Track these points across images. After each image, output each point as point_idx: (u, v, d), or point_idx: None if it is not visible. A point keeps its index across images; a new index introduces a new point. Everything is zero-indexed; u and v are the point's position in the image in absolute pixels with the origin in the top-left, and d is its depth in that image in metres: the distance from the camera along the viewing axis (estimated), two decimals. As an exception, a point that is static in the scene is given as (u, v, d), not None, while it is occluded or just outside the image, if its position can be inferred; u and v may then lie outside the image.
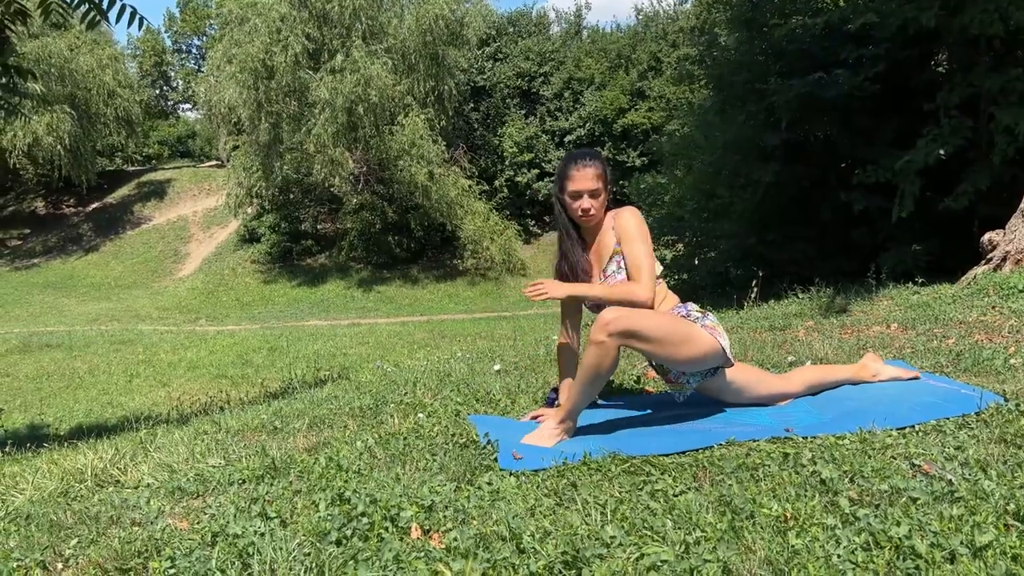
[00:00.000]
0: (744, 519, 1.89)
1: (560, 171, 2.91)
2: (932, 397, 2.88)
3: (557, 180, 2.93)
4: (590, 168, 2.82)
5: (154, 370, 15.74)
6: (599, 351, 2.58)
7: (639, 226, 2.82)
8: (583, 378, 2.67)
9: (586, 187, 2.82)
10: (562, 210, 2.94)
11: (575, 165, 2.84)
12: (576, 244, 2.94)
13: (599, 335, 2.55)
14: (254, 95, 23.48)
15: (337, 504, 2.17)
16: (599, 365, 2.61)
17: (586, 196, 2.82)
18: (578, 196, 2.83)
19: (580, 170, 2.82)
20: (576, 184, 2.82)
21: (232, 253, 29.04)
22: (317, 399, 3.91)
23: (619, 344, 2.60)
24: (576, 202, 2.84)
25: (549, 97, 31.93)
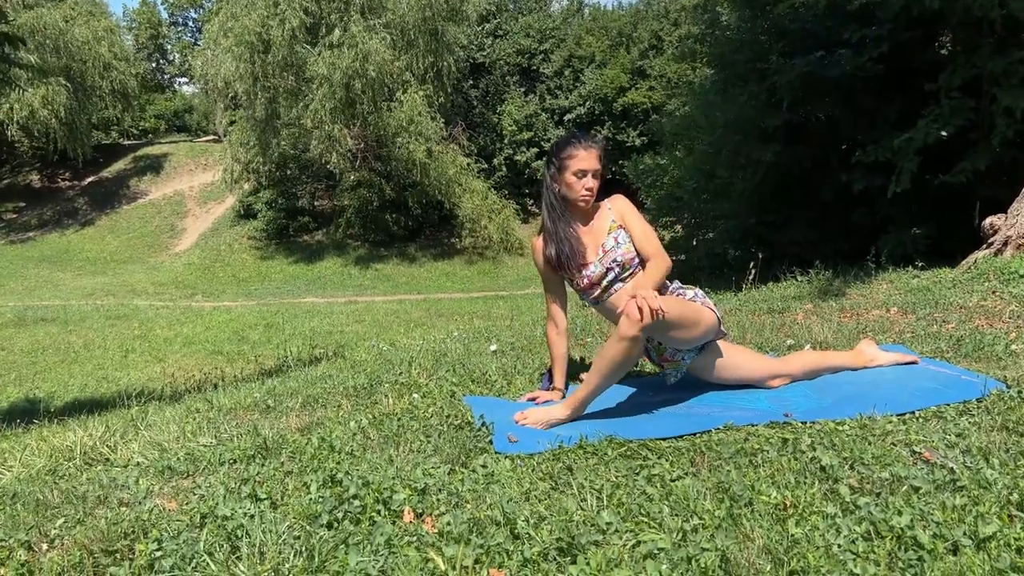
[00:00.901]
0: (742, 506, 1.86)
1: (560, 152, 2.88)
2: (932, 383, 2.85)
3: (555, 161, 2.89)
4: (595, 149, 2.86)
5: (150, 345, 15.69)
6: (630, 345, 2.53)
7: (636, 210, 2.97)
8: (605, 370, 2.61)
9: (592, 166, 2.84)
10: (556, 193, 2.90)
11: (580, 145, 2.85)
12: (571, 227, 2.90)
13: (632, 330, 2.48)
14: (250, 69, 23.23)
15: (329, 486, 2.13)
16: (627, 359, 2.59)
17: (591, 175, 2.84)
18: (584, 175, 2.84)
19: (587, 150, 2.84)
20: (583, 163, 2.83)
21: (229, 229, 28.91)
22: (311, 378, 3.87)
23: (645, 337, 2.60)
24: (582, 181, 2.84)
25: (549, 75, 31.70)
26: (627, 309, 2.48)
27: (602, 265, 2.86)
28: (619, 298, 2.87)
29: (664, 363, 2.95)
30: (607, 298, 2.90)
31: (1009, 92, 7.28)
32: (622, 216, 2.90)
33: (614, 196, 2.98)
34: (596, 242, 2.89)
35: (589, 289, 2.91)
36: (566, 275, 2.94)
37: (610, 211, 2.93)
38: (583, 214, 2.93)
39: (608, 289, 2.88)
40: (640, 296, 2.46)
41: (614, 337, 2.55)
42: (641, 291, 2.50)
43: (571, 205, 2.90)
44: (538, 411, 2.65)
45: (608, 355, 2.58)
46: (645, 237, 2.86)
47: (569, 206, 2.91)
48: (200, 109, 44.38)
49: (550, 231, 2.92)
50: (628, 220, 2.89)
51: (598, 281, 2.88)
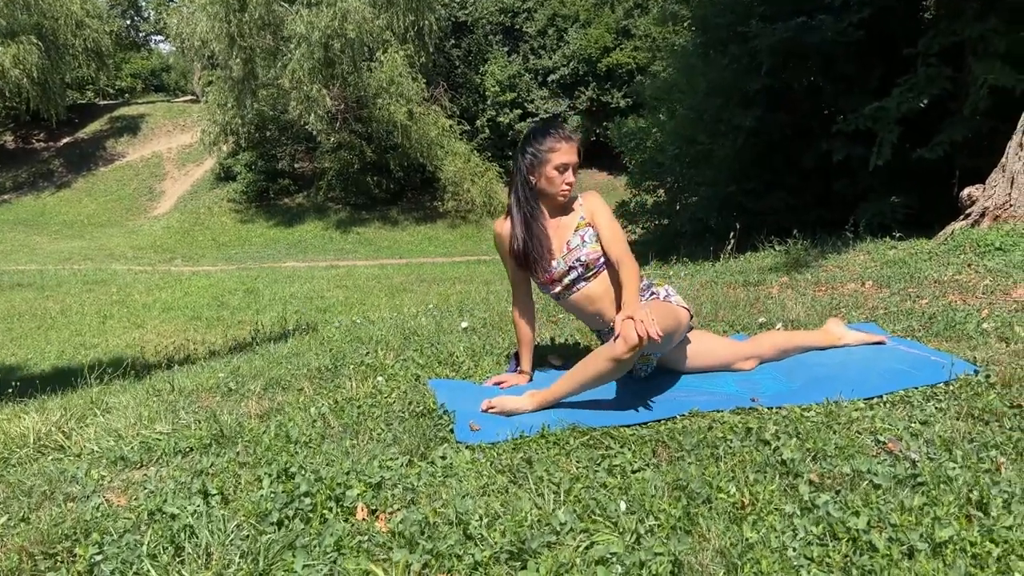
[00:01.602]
0: (700, 504, 1.83)
1: (540, 144, 2.77)
2: (901, 364, 2.83)
3: (534, 153, 2.77)
4: (575, 142, 2.80)
5: (128, 311, 15.51)
6: (619, 366, 2.46)
7: (608, 209, 2.89)
8: (585, 381, 2.55)
9: (573, 160, 2.78)
10: (532, 186, 2.81)
11: (561, 138, 2.77)
12: (540, 222, 2.83)
13: (626, 354, 2.39)
14: (226, 28, 22.70)
15: (281, 481, 2.08)
16: (611, 377, 2.53)
17: (572, 169, 2.78)
18: (566, 169, 2.77)
19: (568, 143, 2.77)
20: (565, 157, 2.76)
21: (208, 192, 28.51)
22: (277, 356, 3.81)
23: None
24: (563, 175, 2.77)
25: (532, 34, 31.20)
26: (625, 333, 2.38)
27: (565, 263, 2.79)
28: (583, 297, 2.82)
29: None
30: (569, 296, 2.85)
31: (984, 61, 7.20)
32: (592, 214, 2.82)
33: (587, 192, 2.91)
34: (561, 238, 2.82)
35: (550, 284, 2.86)
36: (529, 271, 2.88)
37: (580, 207, 2.85)
38: (554, 207, 2.85)
39: (571, 288, 2.82)
40: (638, 320, 2.37)
41: (604, 354, 2.46)
42: (637, 313, 2.40)
43: (543, 197, 2.82)
44: (504, 400, 2.60)
45: (592, 369, 2.51)
46: (614, 238, 2.77)
47: (540, 198, 2.82)
48: (177, 68, 43.48)
49: (518, 223, 2.84)
50: (598, 219, 2.81)
51: (560, 278, 2.82)
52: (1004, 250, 4.88)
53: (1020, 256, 4.69)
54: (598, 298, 2.81)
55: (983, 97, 7.16)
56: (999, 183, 5.36)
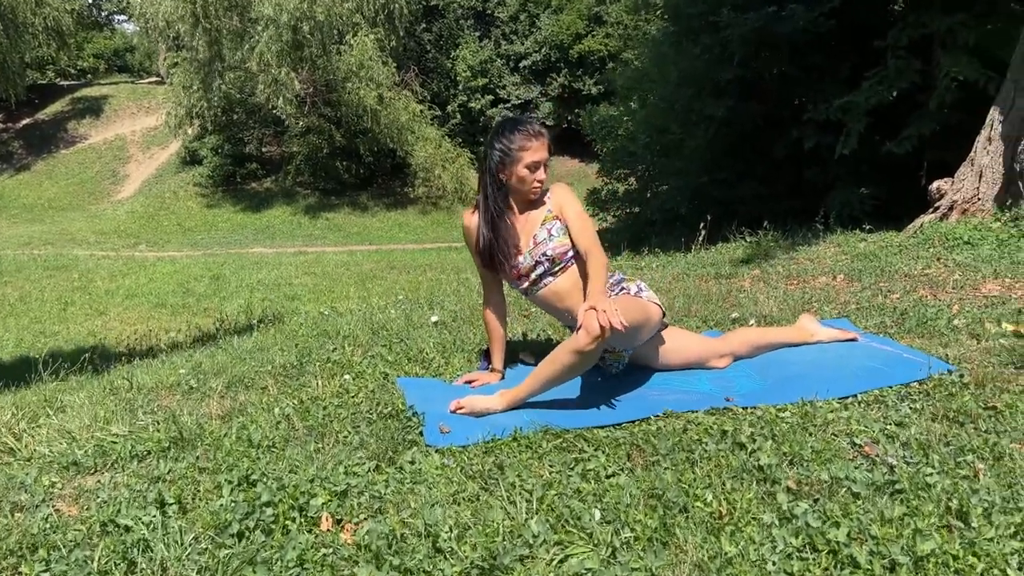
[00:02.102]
0: (676, 513, 1.78)
1: (510, 143, 2.67)
2: (875, 362, 2.81)
3: (506, 151, 2.68)
4: (544, 137, 2.70)
5: (90, 298, 15.18)
6: (585, 358, 2.40)
7: (577, 198, 2.82)
8: (553, 375, 2.48)
9: (544, 157, 2.70)
10: (503, 182, 2.73)
11: (531, 134, 2.68)
12: (508, 219, 2.76)
13: (590, 345, 2.33)
14: (191, 8, 22.20)
15: (243, 488, 2.00)
16: (578, 369, 2.47)
17: (543, 167, 2.71)
18: (537, 167, 2.69)
19: (539, 139, 2.69)
20: (536, 155, 2.68)
21: (173, 175, 27.99)
22: (241, 351, 3.71)
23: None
24: (535, 174, 2.69)
25: (504, 19, 30.97)
26: (587, 323, 2.32)
27: (531, 257, 2.72)
28: (550, 293, 2.77)
29: (605, 354, 2.85)
30: (536, 291, 2.78)
31: (952, 55, 7.24)
32: (560, 207, 2.75)
33: (556, 185, 2.83)
34: (528, 232, 2.76)
35: (517, 280, 2.79)
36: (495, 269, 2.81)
37: (548, 200, 2.78)
38: (523, 201, 2.78)
39: (538, 283, 2.76)
40: (601, 310, 2.30)
41: (567, 347, 2.40)
42: (600, 303, 2.33)
43: (513, 193, 2.75)
44: (474, 400, 2.53)
45: (559, 363, 2.44)
46: (582, 230, 2.70)
47: (510, 193, 2.75)
48: (142, 49, 42.47)
49: (484, 221, 2.77)
50: (566, 211, 2.73)
51: (527, 273, 2.75)
52: (972, 244, 4.91)
53: (988, 250, 4.72)
54: (566, 294, 2.74)
55: (950, 91, 7.20)
56: (968, 177, 5.39)
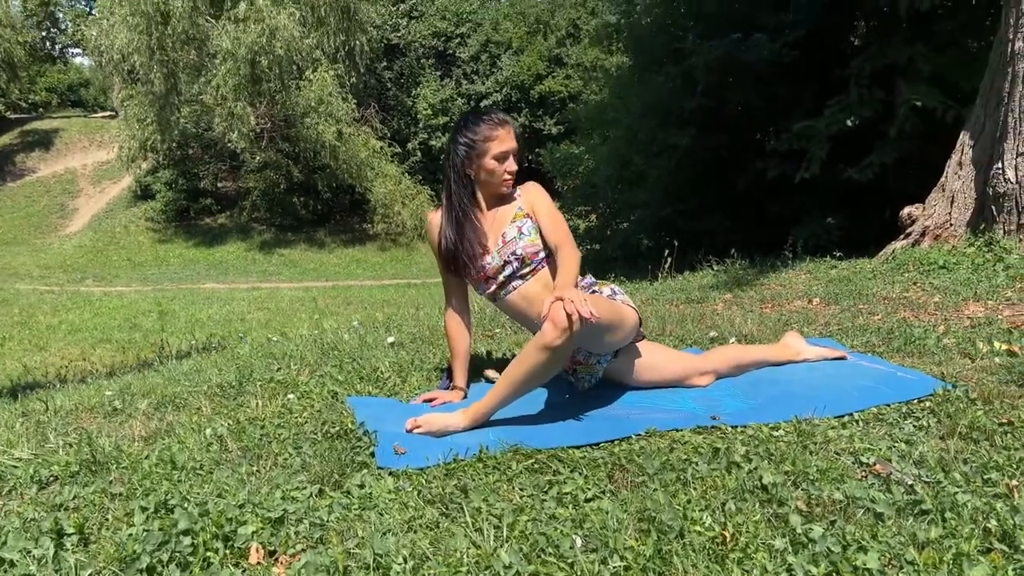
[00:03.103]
0: (672, 540, 1.51)
1: (474, 134, 2.47)
2: (868, 381, 2.60)
3: (471, 144, 2.47)
4: (508, 125, 2.50)
5: (30, 333, 14.53)
6: (553, 356, 2.14)
7: (548, 197, 2.63)
8: (519, 381, 2.22)
9: (513, 146, 2.49)
10: (470, 177, 2.51)
11: (496, 123, 2.48)
12: (475, 218, 2.53)
13: (558, 339, 2.08)
14: (147, 41, 21.82)
15: (159, 516, 1.68)
16: (547, 371, 2.21)
17: (512, 157, 2.50)
18: (506, 158, 2.48)
19: (505, 127, 2.48)
20: (505, 144, 2.47)
21: (125, 210, 27.30)
22: (176, 373, 3.37)
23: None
24: (504, 164, 2.48)
25: (466, 59, 31.10)
26: (552, 314, 2.07)
27: (500, 257, 2.48)
28: (519, 298, 2.53)
29: (576, 366, 2.59)
30: (504, 295, 2.54)
31: (913, 84, 7.28)
32: (531, 204, 2.55)
33: (527, 184, 2.63)
34: (497, 230, 2.53)
35: (484, 283, 2.54)
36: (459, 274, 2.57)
37: (519, 198, 2.57)
38: (491, 196, 2.56)
39: (505, 285, 2.52)
40: (568, 300, 2.05)
41: (535, 345, 2.14)
42: (567, 293, 2.09)
43: (482, 188, 2.52)
44: (432, 418, 2.25)
45: (526, 364, 2.18)
46: (555, 225, 2.50)
47: (478, 189, 2.52)
48: (96, 84, 41.81)
49: (449, 221, 2.53)
50: (537, 208, 2.54)
51: (494, 275, 2.50)
52: (948, 268, 4.79)
53: (965, 274, 4.59)
54: (536, 297, 2.49)
55: (910, 119, 7.22)
56: (939, 202, 5.30)
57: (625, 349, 2.59)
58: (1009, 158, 4.85)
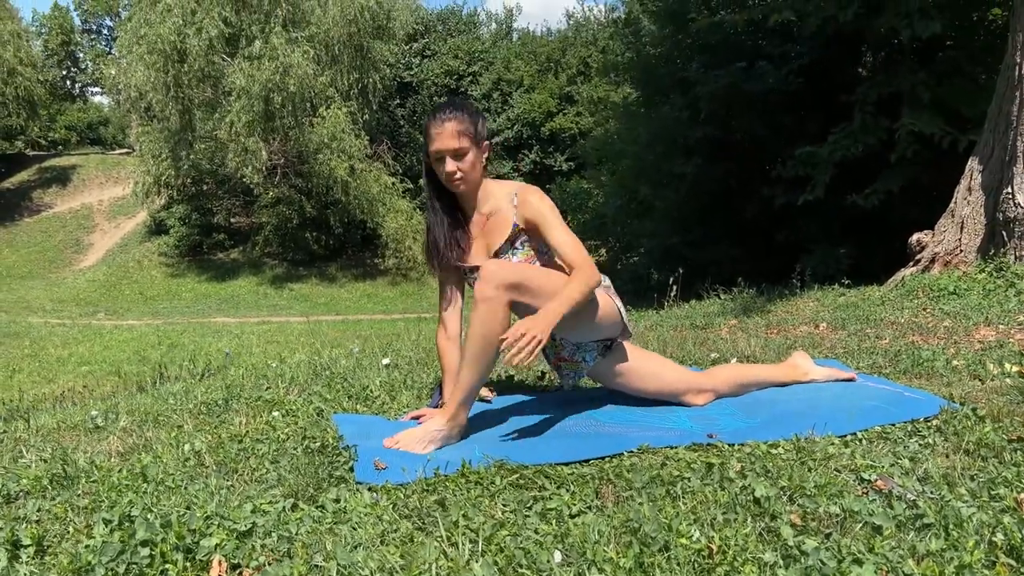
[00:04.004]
0: (656, 552, 1.42)
1: (424, 129, 2.39)
2: (874, 401, 2.50)
3: (424, 138, 2.40)
4: (451, 122, 2.28)
5: (40, 365, 14.56)
6: (487, 309, 2.11)
7: (552, 207, 2.35)
8: (471, 352, 2.17)
9: (447, 146, 2.29)
10: (430, 177, 2.44)
11: (434, 121, 2.32)
12: (446, 217, 2.44)
13: (487, 289, 2.10)
14: (163, 79, 22.18)
15: (121, 528, 1.61)
16: (488, 329, 2.13)
17: (448, 158, 2.30)
18: (440, 158, 2.31)
19: (440, 126, 2.29)
20: (436, 143, 2.30)
21: (138, 245, 27.52)
22: (165, 393, 3.31)
23: (508, 299, 2.14)
24: (443, 165, 2.31)
25: (477, 97, 31.41)
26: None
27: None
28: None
29: (561, 363, 2.51)
30: None
31: (915, 112, 7.24)
32: (530, 220, 2.34)
33: (525, 189, 2.39)
34: (487, 243, 2.41)
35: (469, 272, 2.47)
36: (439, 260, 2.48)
37: (515, 209, 2.36)
38: (468, 199, 2.43)
39: None
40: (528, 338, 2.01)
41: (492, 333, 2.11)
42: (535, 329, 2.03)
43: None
44: (412, 431, 2.17)
45: (471, 332, 2.15)
46: (572, 248, 2.27)
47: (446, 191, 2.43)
48: (115, 122, 42.51)
49: (427, 220, 2.49)
50: (543, 228, 2.31)
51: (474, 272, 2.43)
52: (959, 294, 4.69)
53: (976, 300, 4.49)
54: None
55: (910, 144, 7.17)
56: (948, 228, 5.21)
57: (615, 349, 2.49)
58: (1019, 182, 4.78)
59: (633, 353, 2.54)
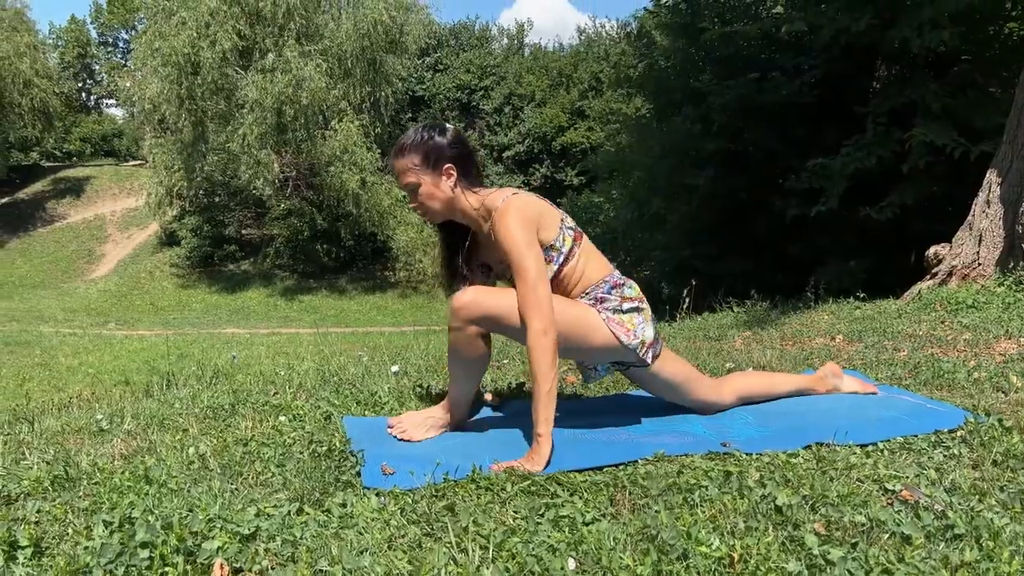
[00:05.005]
0: (674, 560, 1.36)
1: None
2: (895, 412, 2.43)
3: None
4: (395, 162, 2.21)
5: (50, 374, 14.59)
6: (457, 338, 2.15)
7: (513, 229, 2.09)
8: (453, 373, 2.28)
9: (401, 186, 2.24)
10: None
11: (391, 158, 2.24)
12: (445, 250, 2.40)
13: (453, 322, 2.13)
14: (177, 91, 22.37)
15: (121, 529, 1.56)
16: (464, 355, 2.19)
17: (409, 193, 2.22)
18: (405, 193, 2.27)
19: (394, 160, 2.22)
20: (399, 179, 2.24)
21: (150, 256, 27.66)
22: (170, 398, 3.27)
23: (476, 331, 2.13)
24: (409, 200, 2.26)
25: (489, 111, 31.57)
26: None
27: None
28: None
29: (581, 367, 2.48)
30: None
31: (928, 125, 7.18)
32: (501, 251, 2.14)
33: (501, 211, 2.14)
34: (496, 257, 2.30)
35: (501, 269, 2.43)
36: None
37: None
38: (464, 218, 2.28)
39: None
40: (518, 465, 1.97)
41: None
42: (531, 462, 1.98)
43: None
44: (412, 415, 2.22)
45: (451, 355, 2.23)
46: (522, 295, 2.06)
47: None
48: (129, 134, 42.85)
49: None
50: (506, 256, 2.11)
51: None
52: (977, 308, 4.60)
53: (996, 313, 4.40)
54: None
55: (922, 155, 7.10)
56: (966, 241, 5.14)
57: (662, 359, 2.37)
58: (1039, 194, 4.70)
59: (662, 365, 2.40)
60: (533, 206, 2.18)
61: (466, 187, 2.23)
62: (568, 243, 2.23)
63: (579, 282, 2.27)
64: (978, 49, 8.01)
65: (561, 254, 2.22)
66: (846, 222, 7.87)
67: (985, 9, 7.47)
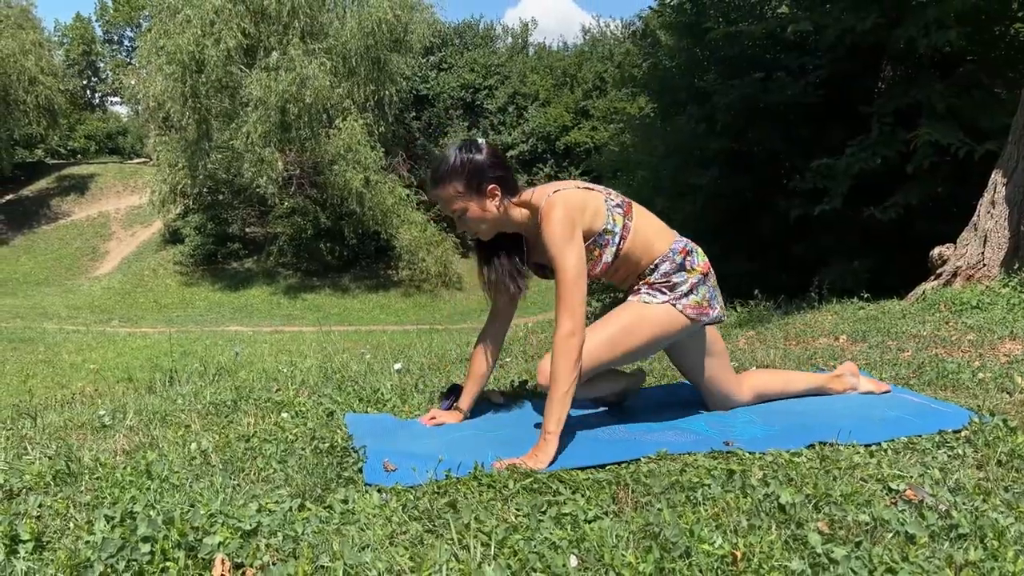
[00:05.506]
0: (676, 558, 1.36)
1: None
2: (899, 412, 2.43)
3: None
4: (437, 192, 2.23)
5: (53, 371, 14.60)
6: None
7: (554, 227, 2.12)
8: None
9: (448, 211, 2.24)
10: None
11: (430, 187, 2.26)
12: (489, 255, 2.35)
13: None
14: (181, 89, 22.38)
15: (122, 524, 1.56)
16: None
17: (450, 213, 2.25)
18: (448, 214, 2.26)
19: (435, 197, 2.25)
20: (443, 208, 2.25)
21: (154, 253, 27.68)
22: (173, 394, 3.27)
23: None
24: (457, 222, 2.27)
25: (493, 111, 31.52)
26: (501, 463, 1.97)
27: None
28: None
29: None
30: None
31: (932, 124, 7.16)
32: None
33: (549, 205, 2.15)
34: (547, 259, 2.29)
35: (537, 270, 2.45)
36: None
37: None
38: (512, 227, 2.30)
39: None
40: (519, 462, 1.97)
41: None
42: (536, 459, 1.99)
43: None
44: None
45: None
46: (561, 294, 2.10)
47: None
48: (134, 132, 42.90)
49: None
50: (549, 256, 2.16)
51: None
52: (982, 308, 4.59)
53: (1000, 313, 4.39)
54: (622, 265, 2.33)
55: (927, 155, 7.08)
56: (971, 242, 5.12)
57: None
58: (1044, 196, 4.69)
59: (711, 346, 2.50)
60: (574, 200, 2.19)
61: (510, 200, 2.24)
62: (620, 221, 2.25)
63: (645, 253, 2.29)
64: (984, 49, 7.99)
65: (615, 235, 2.23)
66: (850, 222, 7.85)
67: (991, 9, 7.45)
